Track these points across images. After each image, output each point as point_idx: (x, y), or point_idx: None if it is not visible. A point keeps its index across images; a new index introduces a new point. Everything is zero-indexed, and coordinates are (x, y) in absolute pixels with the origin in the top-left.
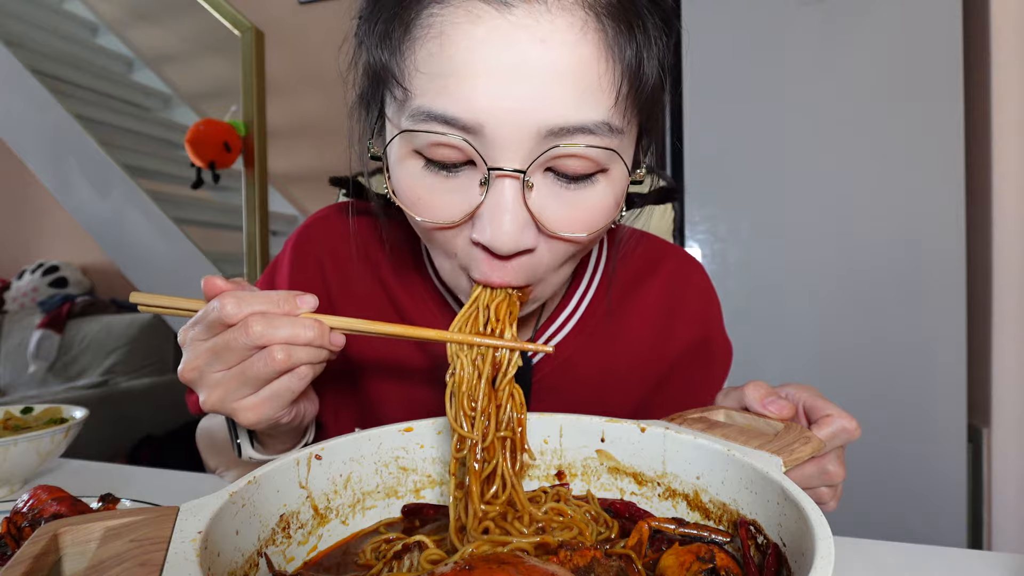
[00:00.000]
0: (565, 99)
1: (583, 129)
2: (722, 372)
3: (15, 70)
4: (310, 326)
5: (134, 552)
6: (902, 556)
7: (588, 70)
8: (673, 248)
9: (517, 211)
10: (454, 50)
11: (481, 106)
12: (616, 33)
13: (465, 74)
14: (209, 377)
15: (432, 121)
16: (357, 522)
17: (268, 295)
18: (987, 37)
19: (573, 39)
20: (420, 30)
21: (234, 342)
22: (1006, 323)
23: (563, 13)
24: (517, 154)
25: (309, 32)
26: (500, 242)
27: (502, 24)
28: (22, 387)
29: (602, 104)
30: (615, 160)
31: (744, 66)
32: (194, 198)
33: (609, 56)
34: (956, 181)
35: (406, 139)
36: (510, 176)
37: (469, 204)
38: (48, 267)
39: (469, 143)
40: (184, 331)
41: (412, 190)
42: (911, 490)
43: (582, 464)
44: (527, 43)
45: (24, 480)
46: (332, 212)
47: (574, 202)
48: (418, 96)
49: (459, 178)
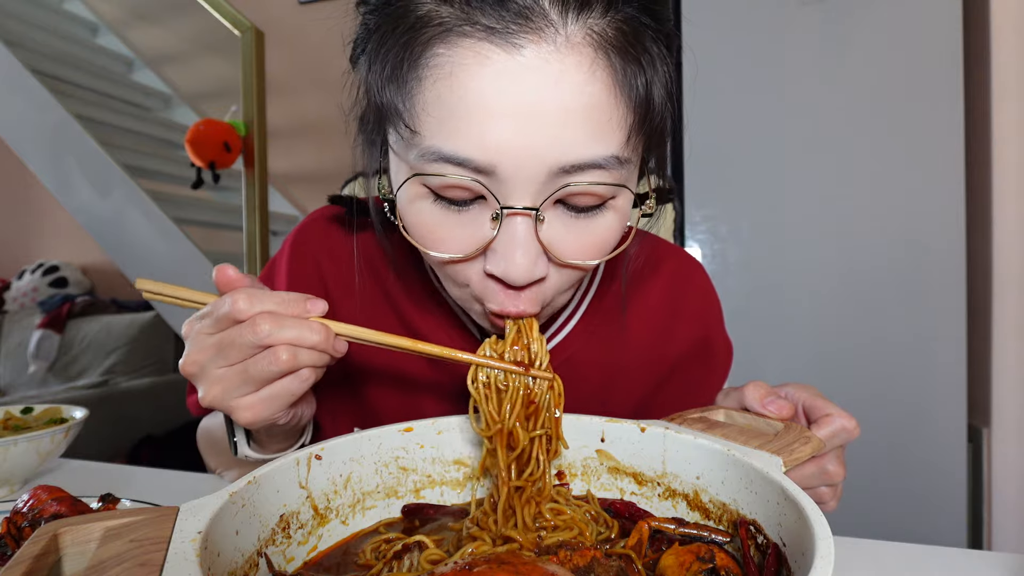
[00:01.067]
0: (577, 138)
1: (594, 165)
2: (723, 372)
3: (15, 70)
4: (317, 330)
5: (134, 552)
6: (902, 556)
7: (598, 108)
8: (674, 248)
9: (529, 245)
10: (463, 92)
11: (494, 147)
12: (624, 68)
13: (476, 115)
14: (211, 372)
15: (444, 163)
16: (357, 522)
17: (280, 295)
18: (987, 37)
19: (582, 78)
20: (427, 70)
21: (240, 338)
22: (1006, 323)
23: (572, 53)
24: (528, 191)
25: (309, 32)
26: (515, 275)
27: (511, 65)
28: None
29: (613, 140)
30: (623, 191)
31: (744, 66)
32: (194, 198)
33: (618, 92)
34: (956, 181)
35: (416, 178)
36: (523, 214)
37: (482, 238)
38: (48, 267)
39: (482, 183)
40: (190, 323)
41: (423, 226)
42: (911, 490)
43: (582, 464)
44: (537, 84)
45: (24, 480)
46: (329, 211)
47: (584, 231)
48: (428, 137)
49: (470, 212)
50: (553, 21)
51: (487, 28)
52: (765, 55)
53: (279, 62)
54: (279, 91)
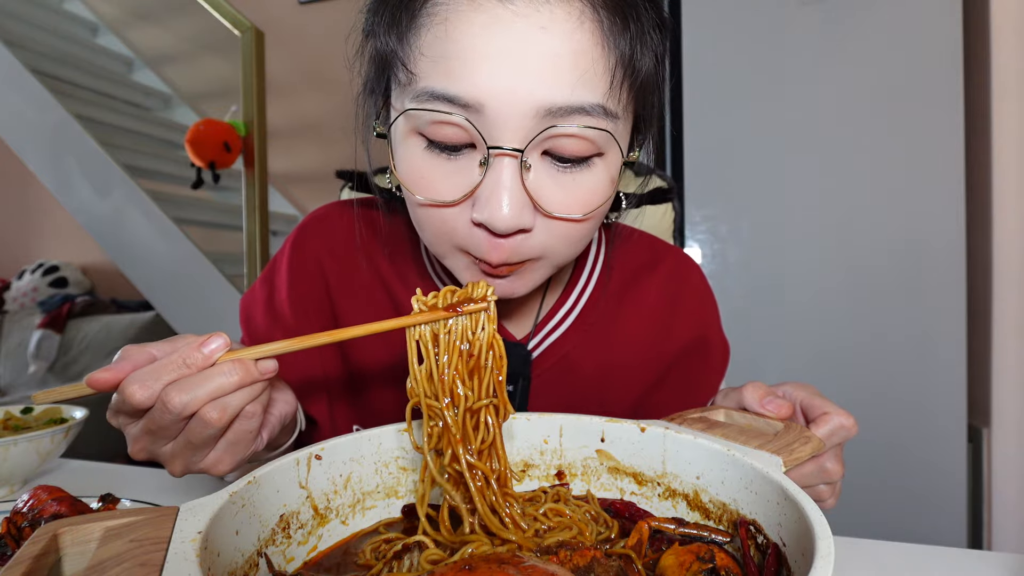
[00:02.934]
0: (562, 81)
1: (580, 110)
2: (720, 370)
3: (15, 70)
4: (230, 371)
5: (134, 552)
6: (902, 556)
7: (584, 56)
8: (670, 247)
9: (515, 191)
10: (457, 35)
11: (482, 86)
12: (611, 24)
13: (467, 57)
14: (160, 452)
15: (435, 100)
16: (357, 522)
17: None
18: (987, 37)
19: (570, 27)
20: (425, 17)
21: (160, 420)
22: (1006, 323)
23: (561, 3)
24: (516, 134)
25: (309, 32)
26: (498, 220)
27: (503, 13)
28: (22, 387)
29: (598, 88)
30: (610, 144)
31: (744, 66)
32: (194, 198)
33: (605, 44)
34: (956, 181)
35: (409, 119)
36: (509, 155)
37: (469, 184)
38: (48, 267)
39: (470, 122)
40: (111, 418)
41: (414, 170)
42: (911, 490)
43: (582, 464)
44: (526, 29)
45: (24, 480)
46: (331, 210)
47: (570, 184)
48: (422, 78)
49: (459, 160)
50: None
51: None
52: (765, 55)
53: (279, 62)
54: (279, 91)
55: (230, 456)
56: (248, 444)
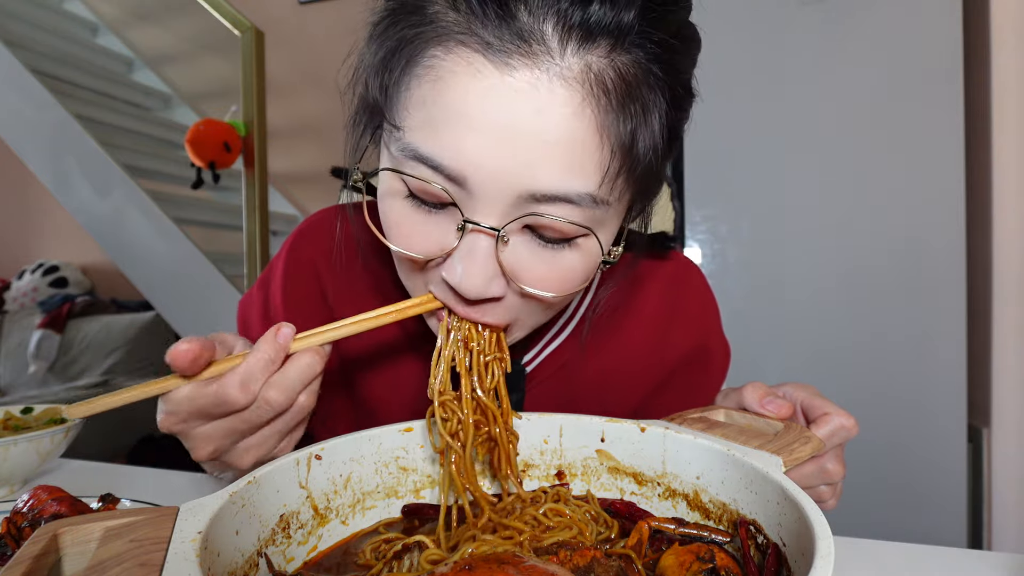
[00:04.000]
0: (551, 169)
1: (565, 199)
2: (720, 375)
3: (15, 70)
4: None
5: (134, 552)
6: (902, 556)
7: (579, 145)
8: (672, 252)
9: (486, 263)
10: (450, 99)
11: (467, 159)
12: (613, 113)
13: (457, 124)
14: (235, 448)
15: (418, 162)
16: (357, 522)
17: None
18: (987, 37)
19: (569, 113)
20: (420, 69)
21: (257, 418)
22: (1006, 323)
23: (563, 86)
24: (495, 211)
25: (309, 32)
26: (467, 288)
27: (500, 85)
28: (22, 387)
29: (589, 179)
30: (597, 226)
31: (744, 66)
32: (194, 198)
33: (604, 135)
34: (956, 181)
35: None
36: (485, 232)
37: (445, 244)
38: (48, 267)
39: (449, 192)
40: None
41: (392, 217)
42: (911, 490)
43: (582, 464)
44: (521, 108)
45: (24, 480)
46: (326, 215)
47: (550, 262)
48: (408, 132)
49: (439, 216)
50: (551, 49)
51: (484, 42)
52: (765, 55)
53: (279, 62)
54: (279, 91)
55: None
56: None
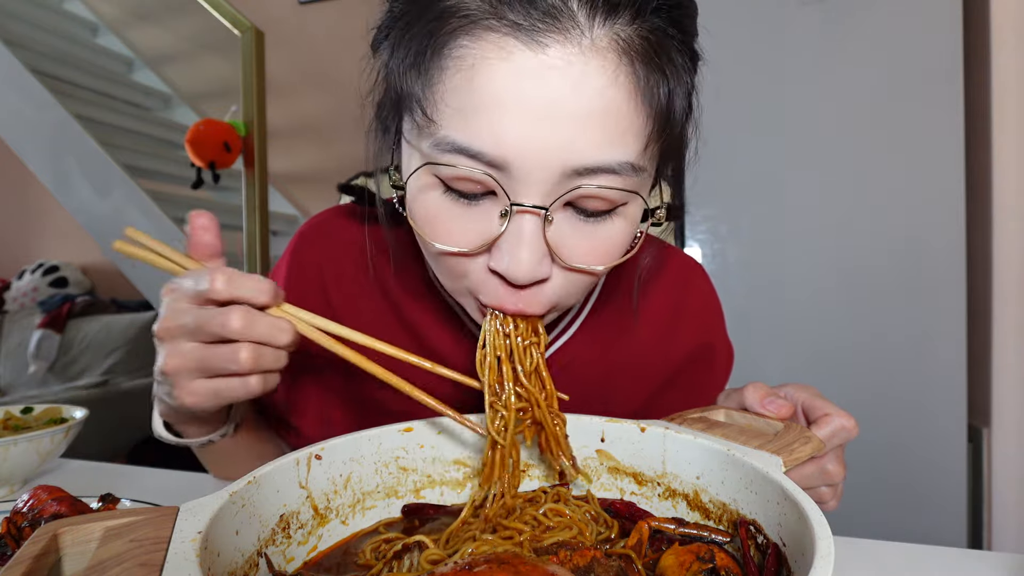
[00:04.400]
0: (592, 141)
1: (608, 169)
2: (723, 376)
3: (15, 70)
4: (286, 330)
5: (134, 552)
6: (902, 556)
7: (617, 114)
8: (675, 251)
9: (536, 244)
10: (484, 84)
11: (508, 143)
12: (647, 77)
13: (494, 110)
14: (176, 343)
15: (457, 154)
16: (357, 522)
17: (257, 284)
18: (987, 37)
19: (604, 83)
20: (449, 60)
21: (209, 325)
22: (1006, 323)
23: (596, 56)
24: (540, 191)
25: (309, 32)
26: (518, 272)
27: (534, 63)
28: (22, 387)
29: (629, 147)
30: (635, 198)
31: (744, 65)
32: (194, 198)
33: (639, 100)
34: (956, 181)
35: (427, 167)
36: (531, 212)
37: (488, 233)
38: (48, 267)
39: (493, 178)
40: (169, 287)
41: (430, 216)
42: (911, 490)
43: (582, 464)
44: (558, 84)
45: (24, 480)
46: (330, 216)
47: (592, 235)
48: (444, 127)
49: (479, 207)
50: (580, 23)
51: (513, 24)
52: (765, 55)
53: (279, 62)
54: (279, 91)
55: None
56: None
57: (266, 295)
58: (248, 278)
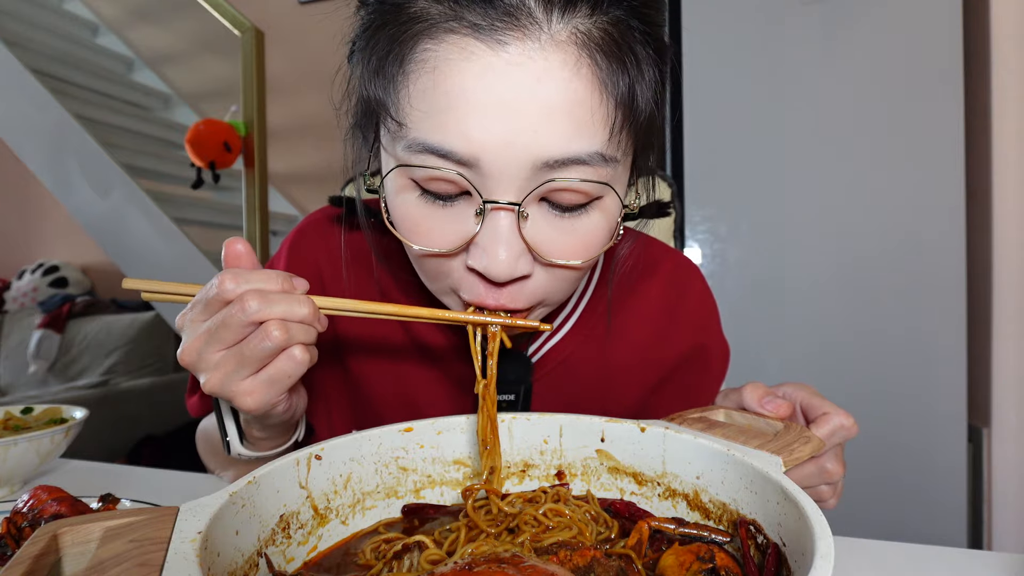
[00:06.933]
0: (559, 133)
1: (577, 161)
2: (719, 376)
3: (15, 70)
4: (304, 303)
5: (134, 552)
6: (902, 556)
7: (581, 105)
8: (669, 250)
9: (512, 241)
10: (449, 86)
11: (476, 140)
12: (609, 68)
13: (460, 109)
14: (208, 359)
15: (428, 154)
16: (357, 522)
17: (265, 273)
18: (987, 37)
19: (567, 75)
20: (413, 64)
21: (231, 319)
22: (1006, 323)
23: (556, 51)
24: (512, 186)
25: (309, 32)
26: (496, 270)
27: (496, 62)
28: (22, 387)
29: (596, 137)
30: (609, 190)
31: (744, 65)
32: (194, 198)
33: (602, 90)
34: (956, 180)
35: (402, 170)
36: (505, 208)
37: (465, 233)
38: (48, 267)
39: (465, 177)
40: (182, 315)
41: (408, 219)
42: (911, 490)
43: (582, 464)
44: (521, 80)
45: (24, 480)
46: (328, 213)
47: (569, 230)
48: (413, 129)
49: (455, 207)
50: (538, 19)
51: (473, 25)
52: (765, 54)
53: (279, 62)
54: (279, 91)
55: (263, 390)
56: (281, 389)
57: (276, 283)
58: (255, 273)
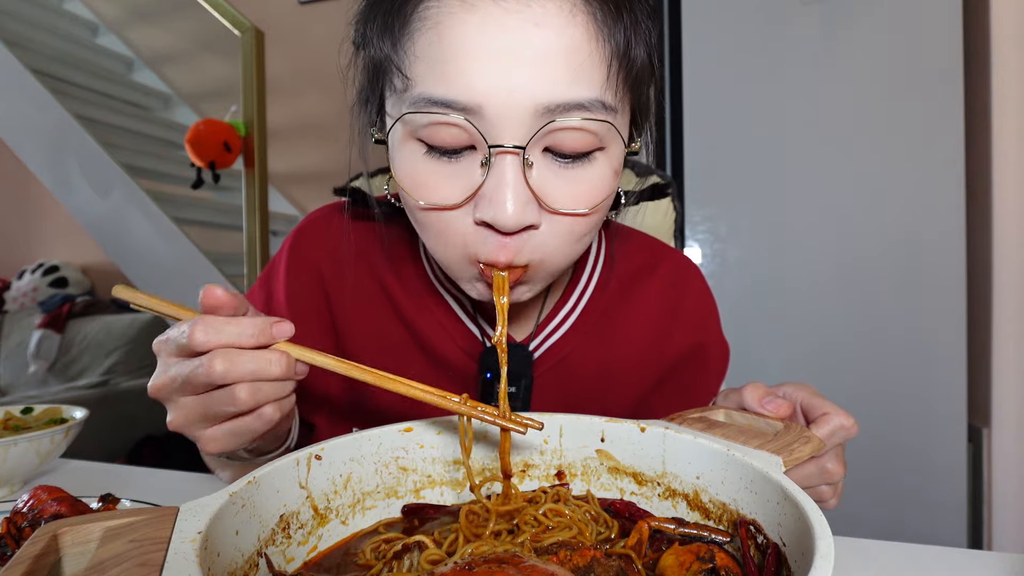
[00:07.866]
0: (558, 77)
1: (578, 105)
2: (718, 375)
3: (15, 70)
4: (277, 361)
5: (134, 552)
6: (902, 556)
7: (579, 49)
8: (669, 249)
9: (519, 188)
10: (451, 38)
11: (479, 88)
12: (604, 16)
13: (462, 59)
14: (175, 400)
15: (433, 105)
16: (357, 522)
17: (243, 324)
18: (987, 37)
19: (563, 21)
20: (417, 22)
21: (194, 377)
22: (1006, 323)
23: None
24: (516, 132)
25: (309, 32)
26: (504, 217)
27: (495, 11)
28: (22, 387)
29: (594, 81)
30: (611, 136)
31: (745, 65)
32: (194, 198)
33: (598, 36)
34: (956, 180)
35: (407, 125)
36: (510, 153)
37: (471, 186)
38: (48, 267)
39: (470, 122)
40: (158, 342)
41: (414, 175)
42: (911, 490)
43: (582, 464)
44: (519, 27)
45: (24, 480)
46: (328, 212)
47: (573, 179)
48: (418, 83)
49: (460, 162)
50: None
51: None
52: (766, 54)
53: (279, 62)
54: (279, 91)
55: (226, 440)
56: (244, 442)
57: (252, 337)
58: (230, 323)
